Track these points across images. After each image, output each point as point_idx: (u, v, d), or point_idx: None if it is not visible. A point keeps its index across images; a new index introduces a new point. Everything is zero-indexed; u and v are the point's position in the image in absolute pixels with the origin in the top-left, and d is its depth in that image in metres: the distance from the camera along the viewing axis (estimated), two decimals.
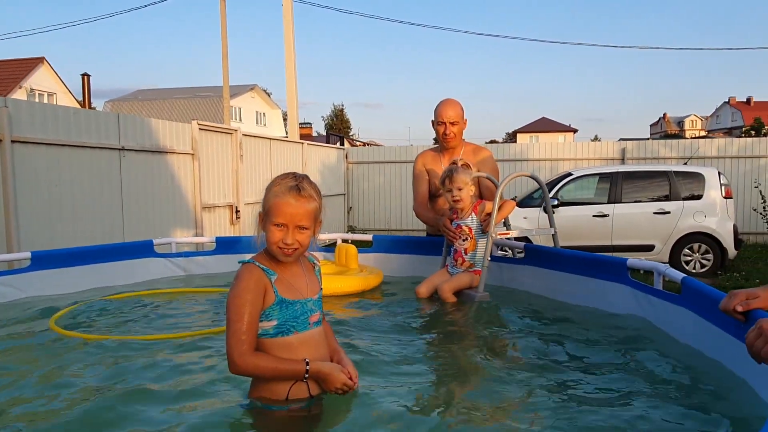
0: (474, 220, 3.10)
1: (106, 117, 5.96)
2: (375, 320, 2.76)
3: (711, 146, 12.28)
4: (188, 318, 2.84)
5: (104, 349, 2.28)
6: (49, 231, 5.18)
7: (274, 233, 1.66)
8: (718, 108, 63.52)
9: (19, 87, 30.47)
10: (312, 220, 1.70)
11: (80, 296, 3.05)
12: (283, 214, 1.65)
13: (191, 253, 3.72)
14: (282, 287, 1.69)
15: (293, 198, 1.65)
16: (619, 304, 2.62)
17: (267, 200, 1.69)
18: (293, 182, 1.68)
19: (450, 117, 3.45)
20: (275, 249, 1.68)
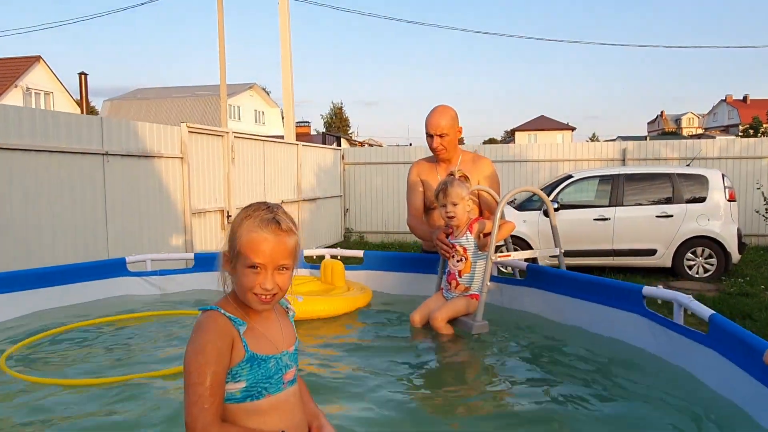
0: (470, 239, 2.82)
1: (89, 121, 5.73)
2: (360, 350, 2.53)
3: (713, 147, 12.07)
4: (155, 350, 2.59)
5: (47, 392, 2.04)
6: (25, 244, 4.94)
7: (249, 277, 1.37)
8: (715, 106, 63.44)
9: (15, 86, 30.15)
10: (293, 258, 1.43)
11: (45, 321, 2.81)
12: (260, 253, 1.36)
13: (168, 271, 3.48)
14: (253, 340, 1.41)
15: (271, 233, 1.37)
16: (633, 336, 2.36)
17: (237, 238, 1.39)
18: (269, 214, 1.40)
19: (439, 128, 3.15)
20: (250, 296, 1.39)
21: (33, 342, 2.55)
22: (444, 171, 3.25)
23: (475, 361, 2.49)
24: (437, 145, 3.17)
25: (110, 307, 3.10)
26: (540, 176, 12.35)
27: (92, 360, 2.44)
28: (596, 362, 2.30)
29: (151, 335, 2.76)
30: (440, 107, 3.24)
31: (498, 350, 2.57)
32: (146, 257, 3.44)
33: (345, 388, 2.14)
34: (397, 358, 2.48)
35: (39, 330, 2.67)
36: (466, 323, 2.70)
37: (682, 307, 2.15)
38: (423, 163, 3.43)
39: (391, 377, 2.29)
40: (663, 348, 2.20)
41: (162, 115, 37.20)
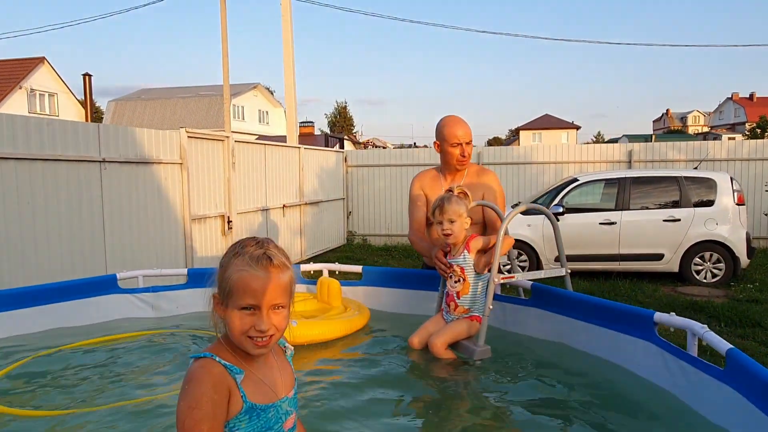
0: (467, 258, 2.68)
1: (85, 127, 5.63)
2: (356, 377, 2.42)
3: (721, 148, 11.90)
4: (142, 375, 2.49)
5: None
6: (20, 255, 4.85)
7: (243, 320, 1.28)
8: (721, 104, 63.04)
9: (19, 87, 30.22)
10: (288, 296, 1.33)
11: (30, 343, 2.71)
12: (252, 292, 1.26)
13: (160, 288, 3.37)
14: (251, 388, 1.30)
15: (262, 270, 1.28)
16: (645, 366, 2.22)
17: (226, 278, 1.29)
18: (259, 249, 1.30)
19: (466, 137, 3.08)
20: (244, 340, 1.29)
21: (9, 372, 2.45)
22: (449, 183, 3.16)
23: (476, 389, 2.37)
24: (466, 153, 3.11)
25: (98, 327, 3.01)
26: (545, 178, 12.21)
27: (67, 387, 2.33)
28: (605, 394, 2.17)
29: (131, 359, 2.65)
30: (458, 117, 3.18)
31: (500, 378, 2.45)
32: (137, 273, 3.34)
33: (339, 418, 2.03)
34: (395, 384, 2.37)
35: (19, 355, 2.57)
36: (467, 348, 2.57)
37: (696, 338, 2.02)
38: (426, 174, 3.31)
39: (387, 405, 2.19)
40: (677, 381, 2.06)
41: (166, 116, 37.24)
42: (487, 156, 12.59)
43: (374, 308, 3.39)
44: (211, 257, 7.58)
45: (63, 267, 5.22)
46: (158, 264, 6.40)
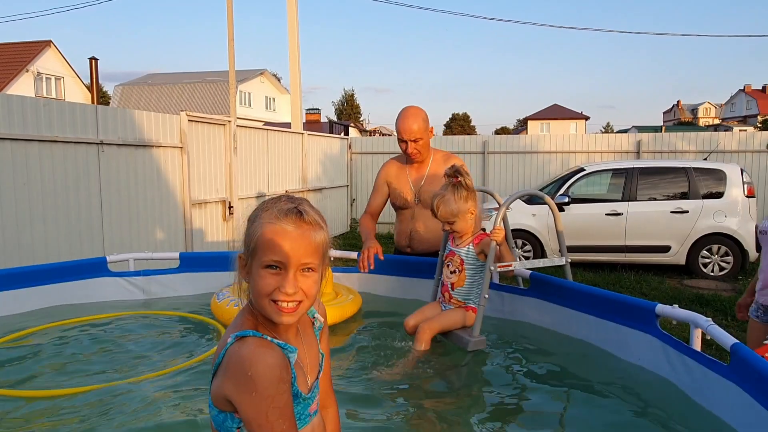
0: (470, 251, 2.58)
1: (83, 109, 5.56)
2: (350, 361, 2.35)
3: (731, 140, 11.70)
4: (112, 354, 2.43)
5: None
6: (16, 236, 4.80)
7: (266, 280, 1.11)
8: (733, 96, 62.29)
9: (26, 71, 30.23)
10: (320, 258, 1.15)
11: (13, 324, 2.65)
12: (278, 248, 1.10)
13: (151, 271, 3.30)
14: (296, 366, 1.15)
15: (292, 224, 1.12)
16: (646, 359, 2.13)
17: (252, 233, 1.14)
18: (290, 204, 1.15)
19: (412, 133, 3.07)
20: (268, 305, 1.11)
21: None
22: (415, 172, 3.24)
23: (470, 379, 2.29)
24: (411, 150, 3.12)
25: (87, 310, 2.94)
26: (551, 168, 12.07)
27: (44, 368, 2.29)
28: (603, 388, 2.08)
29: (111, 339, 2.60)
30: (411, 110, 3.13)
31: (495, 368, 2.36)
32: (128, 256, 3.27)
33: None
34: (387, 373, 2.29)
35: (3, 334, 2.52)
36: (461, 338, 2.48)
37: (700, 331, 1.92)
38: (393, 163, 3.37)
39: (379, 394, 2.11)
40: (679, 376, 1.97)
41: (173, 101, 37.18)
42: (493, 145, 12.45)
43: (370, 293, 3.32)
44: (211, 242, 7.52)
45: (59, 249, 5.17)
46: (157, 249, 6.35)
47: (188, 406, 1.92)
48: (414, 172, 3.24)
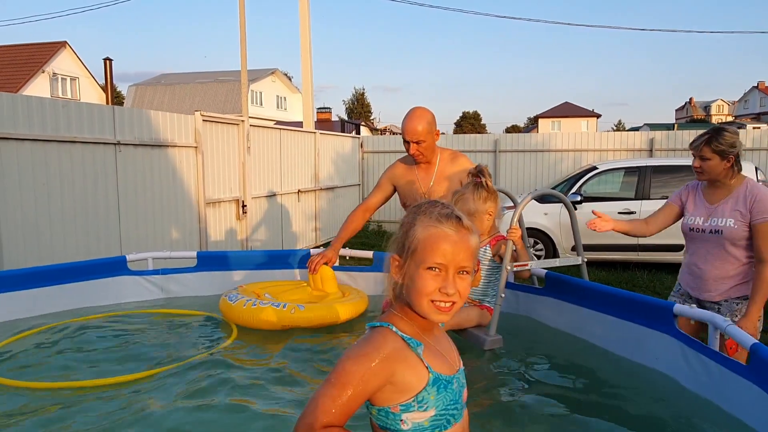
0: (487, 252, 2.58)
1: (100, 110, 5.64)
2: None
3: (746, 137, 11.59)
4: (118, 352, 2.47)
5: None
6: (36, 236, 4.89)
7: (428, 281, 1.19)
8: (747, 93, 61.50)
9: (42, 71, 30.58)
10: (474, 262, 1.25)
11: (33, 323, 2.72)
12: (441, 251, 1.18)
13: (169, 270, 3.35)
14: (432, 360, 1.22)
15: (453, 229, 1.20)
16: (663, 358, 2.13)
17: (411, 235, 1.22)
18: (447, 209, 1.23)
19: (416, 135, 3.09)
20: (427, 305, 1.20)
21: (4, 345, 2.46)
22: (423, 172, 3.26)
23: (487, 378, 2.31)
24: (414, 151, 3.14)
25: (107, 308, 3.01)
26: (563, 166, 12.02)
27: (53, 363, 2.34)
28: (620, 388, 2.09)
29: (124, 336, 2.65)
30: (417, 111, 3.14)
31: (511, 367, 2.38)
32: (147, 255, 3.32)
33: None
34: None
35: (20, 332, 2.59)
36: (478, 337, 2.50)
37: (719, 332, 1.92)
38: (401, 164, 3.39)
39: None
40: (697, 376, 1.97)
41: (186, 101, 37.45)
42: (504, 143, 12.42)
43: (384, 294, 3.34)
44: (225, 241, 7.59)
45: (78, 248, 5.26)
46: (172, 247, 6.43)
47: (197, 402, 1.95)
48: (422, 173, 3.27)
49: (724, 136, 2.82)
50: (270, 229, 8.95)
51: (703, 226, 2.88)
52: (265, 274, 3.40)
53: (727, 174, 2.84)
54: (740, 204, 2.78)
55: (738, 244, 2.77)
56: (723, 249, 2.80)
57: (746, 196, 2.78)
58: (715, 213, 2.85)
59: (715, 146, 2.81)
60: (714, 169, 2.83)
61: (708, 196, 2.93)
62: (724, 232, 2.78)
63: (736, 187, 2.84)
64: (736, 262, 2.79)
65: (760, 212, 2.72)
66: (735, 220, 2.77)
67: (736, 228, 2.75)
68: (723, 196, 2.86)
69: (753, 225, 2.73)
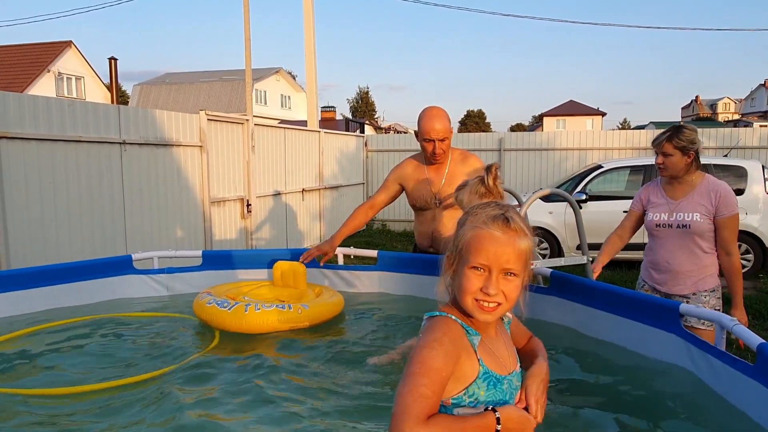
0: None
1: (105, 109, 5.66)
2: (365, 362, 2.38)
3: (752, 136, 11.53)
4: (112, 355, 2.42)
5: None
6: (42, 234, 4.91)
7: (471, 280, 1.23)
8: (753, 90, 61.10)
9: (47, 71, 30.70)
10: (523, 265, 1.26)
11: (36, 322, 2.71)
12: (483, 251, 1.22)
13: (175, 269, 3.36)
14: (485, 355, 1.26)
15: (499, 230, 1.24)
16: (669, 357, 2.12)
17: (460, 235, 1.28)
18: (497, 210, 1.27)
19: (439, 133, 3.08)
20: (470, 302, 1.24)
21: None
22: (434, 172, 3.24)
23: None
24: (438, 150, 3.11)
25: (112, 307, 3.01)
26: (568, 165, 11.99)
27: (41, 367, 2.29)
28: (625, 388, 2.07)
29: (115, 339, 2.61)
30: (435, 110, 3.15)
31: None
32: (153, 254, 3.33)
33: (353, 404, 1.99)
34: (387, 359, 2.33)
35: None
36: None
37: (725, 331, 1.91)
38: (410, 163, 3.36)
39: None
40: (703, 376, 1.96)
41: (190, 100, 37.55)
42: (508, 142, 12.40)
43: (390, 293, 3.34)
44: (230, 240, 7.61)
45: (83, 247, 5.28)
46: (177, 246, 6.45)
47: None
48: (433, 173, 3.22)
49: (684, 133, 2.94)
50: (274, 227, 8.97)
51: (669, 221, 3.00)
52: (269, 272, 3.39)
53: (687, 170, 2.97)
54: (704, 199, 2.93)
55: (704, 236, 2.93)
56: (691, 242, 2.95)
57: (710, 193, 2.93)
58: (680, 208, 2.98)
59: (677, 142, 2.93)
60: (676, 165, 2.95)
61: (669, 192, 3.06)
62: (692, 226, 2.93)
63: (698, 183, 2.98)
64: (703, 255, 2.95)
65: (724, 207, 2.88)
66: (700, 214, 2.91)
67: (701, 221, 2.91)
68: (686, 191, 3.00)
69: (719, 220, 2.89)
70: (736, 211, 2.92)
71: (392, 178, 3.35)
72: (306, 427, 1.79)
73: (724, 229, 2.88)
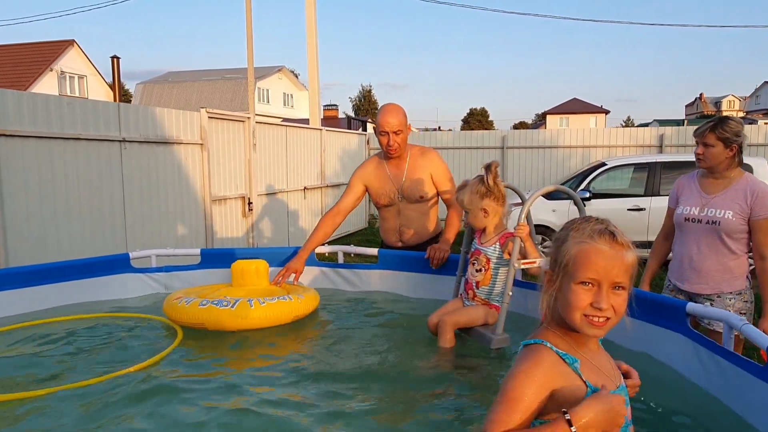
0: (497, 250, 2.54)
1: (105, 107, 5.62)
2: (369, 361, 2.33)
3: (758, 133, 11.45)
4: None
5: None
6: (41, 233, 4.88)
7: (580, 296, 1.21)
8: (758, 88, 60.83)
9: (50, 70, 30.72)
10: (630, 278, 1.25)
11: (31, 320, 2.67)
12: (593, 266, 1.20)
13: (172, 267, 3.32)
14: (589, 374, 1.24)
15: (606, 244, 1.21)
16: (676, 358, 2.07)
17: (564, 251, 1.24)
18: (601, 225, 1.25)
19: (393, 126, 3.15)
20: (579, 319, 1.22)
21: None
22: (394, 167, 3.28)
23: (494, 378, 2.26)
24: (392, 142, 3.16)
25: (110, 306, 2.97)
26: (572, 163, 11.92)
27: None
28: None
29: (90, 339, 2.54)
30: (391, 105, 3.23)
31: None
32: (150, 252, 3.29)
33: (350, 407, 1.95)
34: (408, 371, 2.28)
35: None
36: (484, 336, 2.45)
37: (734, 331, 1.86)
38: (369, 163, 3.40)
39: (399, 393, 2.10)
40: (711, 377, 1.90)
41: (193, 98, 37.55)
42: (512, 140, 12.34)
43: (391, 291, 3.30)
44: (231, 238, 7.57)
45: (83, 246, 5.25)
46: (178, 244, 6.42)
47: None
48: (393, 169, 3.30)
49: (729, 124, 2.76)
50: (276, 226, 8.93)
51: (699, 216, 2.84)
52: (271, 270, 3.35)
53: (728, 164, 2.79)
54: (740, 198, 2.74)
55: (734, 236, 2.75)
56: (718, 240, 2.77)
57: (746, 191, 2.74)
58: (712, 204, 2.81)
59: (720, 133, 2.75)
60: (716, 157, 2.78)
61: (705, 187, 2.89)
62: (722, 223, 2.75)
63: (736, 180, 2.80)
64: (730, 255, 2.77)
65: (761, 208, 2.69)
66: (734, 212, 2.73)
67: (734, 220, 2.72)
68: (722, 187, 2.82)
69: (754, 221, 2.70)
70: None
71: (355, 179, 3.38)
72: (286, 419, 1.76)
73: (759, 231, 2.68)
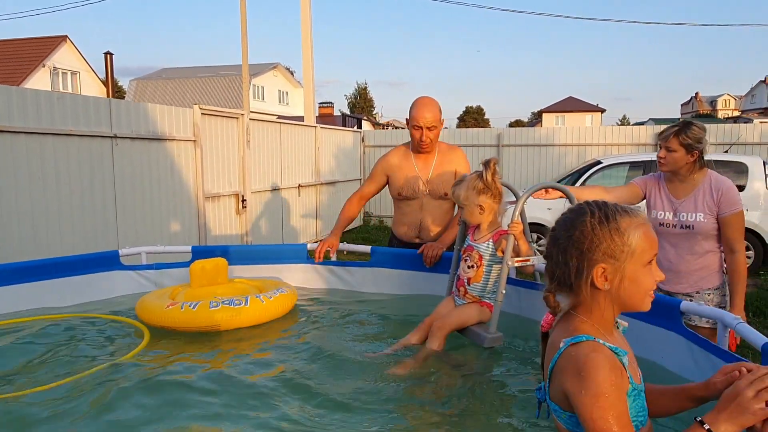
0: (490, 247, 2.51)
1: (96, 102, 5.56)
2: (362, 361, 2.30)
3: (753, 132, 11.46)
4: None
5: None
6: (31, 231, 4.81)
7: (648, 276, 1.26)
8: (754, 87, 60.99)
9: (42, 66, 30.48)
10: None
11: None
12: (653, 242, 1.27)
13: (163, 265, 3.27)
14: (632, 370, 1.27)
15: (643, 218, 1.30)
16: (669, 357, 2.05)
17: (625, 240, 1.25)
18: (620, 206, 1.31)
19: (428, 121, 3.10)
20: (646, 298, 1.27)
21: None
22: (422, 162, 3.25)
23: (487, 377, 2.24)
24: (425, 138, 3.12)
25: (99, 303, 2.93)
26: (567, 161, 11.91)
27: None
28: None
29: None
30: (427, 99, 3.17)
31: (512, 365, 2.30)
32: (140, 250, 3.24)
33: (345, 407, 1.92)
34: (400, 367, 2.25)
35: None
36: (477, 335, 2.42)
37: (728, 330, 1.83)
38: (396, 153, 3.37)
39: (394, 393, 2.07)
40: (706, 376, 1.88)
41: (187, 95, 37.37)
42: (507, 137, 12.31)
43: (384, 290, 3.27)
44: (224, 236, 7.52)
45: (74, 243, 5.19)
46: (171, 242, 6.36)
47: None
48: (421, 162, 3.25)
49: (693, 131, 2.84)
50: (270, 223, 8.88)
51: (674, 221, 2.91)
52: (264, 268, 3.32)
53: (690, 169, 2.87)
54: (707, 198, 2.83)
55: (708, 236, 2.84)
56: (694, 242, 2.86)
57: (712, 190, 2.83)
58: (683, 208, 2.89)
59: (683, 139, 2.82)
60: (677, 162, 2.86)
61: (673, 191, 2.96)
62: (695, 226, 2.84)
63: (701, 181, 2.87)
64: (706, 254, 2.86)
65: (728, 205, 2.78)
66: (704, 214, 2.82)
67: (705, 222, 2.82)
68: (689, 190, 2.89)
69: (722, 218, 2.79)
70: (740, 208, 2.80)
71: (379, 169, 3.37)
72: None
73: (727, 227, 2.78)
